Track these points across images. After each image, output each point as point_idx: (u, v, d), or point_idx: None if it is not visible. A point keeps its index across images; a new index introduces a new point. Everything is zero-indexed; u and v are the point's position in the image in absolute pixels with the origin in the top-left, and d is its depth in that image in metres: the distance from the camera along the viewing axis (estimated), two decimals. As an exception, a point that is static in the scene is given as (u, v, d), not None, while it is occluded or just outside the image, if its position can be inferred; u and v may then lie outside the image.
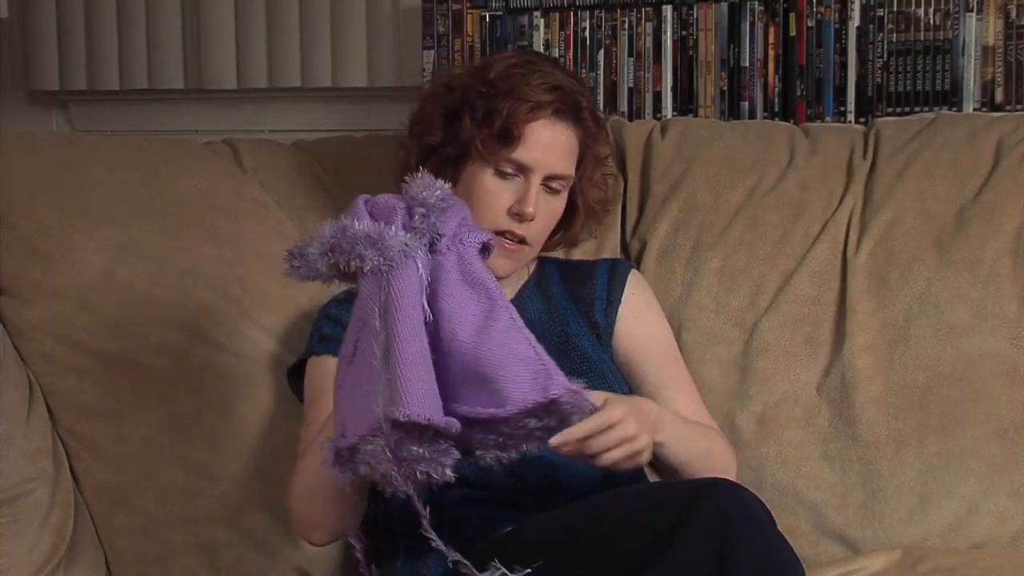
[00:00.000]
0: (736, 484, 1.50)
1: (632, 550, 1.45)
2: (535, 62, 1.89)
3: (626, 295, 1.97)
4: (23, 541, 1.84)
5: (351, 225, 1.50)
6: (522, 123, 1.82)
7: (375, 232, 1.50)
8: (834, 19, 2.43)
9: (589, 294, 1.96)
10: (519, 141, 1.82)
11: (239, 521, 1.94)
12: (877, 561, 1.88)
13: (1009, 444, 1.98)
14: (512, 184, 1.84)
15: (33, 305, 1.97)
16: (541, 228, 1.87)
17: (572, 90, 1.87)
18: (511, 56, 1.94)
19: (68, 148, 2.13)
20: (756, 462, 2.01)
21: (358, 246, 1.49)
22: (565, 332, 1.91)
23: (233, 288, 2.02)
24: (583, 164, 1.92)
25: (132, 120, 3.15)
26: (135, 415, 1.95)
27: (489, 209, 1.84)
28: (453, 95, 1.89)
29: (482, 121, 1.84)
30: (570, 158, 1.88)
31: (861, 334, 2.04)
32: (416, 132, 1.93)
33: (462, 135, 1.86)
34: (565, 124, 1.86)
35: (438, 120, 1.89)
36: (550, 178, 1.85)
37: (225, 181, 2.14)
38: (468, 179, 1.86)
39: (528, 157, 1.83)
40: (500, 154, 1.83)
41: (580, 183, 1.93)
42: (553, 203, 1.88)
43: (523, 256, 1.88)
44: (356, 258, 1.49)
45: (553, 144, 1.85)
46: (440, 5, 2.62)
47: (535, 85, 1.84)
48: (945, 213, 2.09)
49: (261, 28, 2.96)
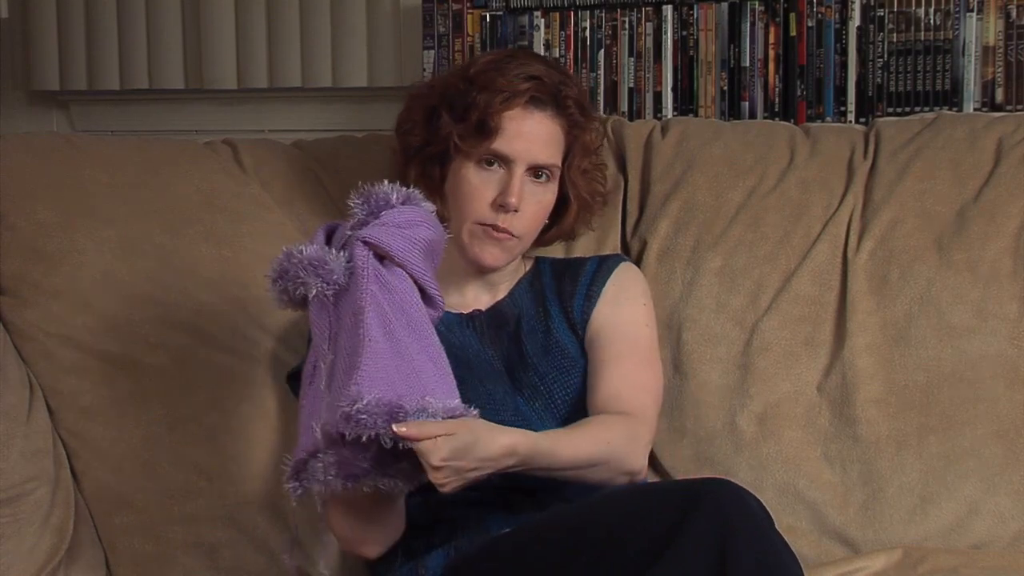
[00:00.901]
0: (736, 484, 1.50)
1: (632, 550, 1.45)
2: (515, 55, 1.89)
3: (606, 288, 1.94)
4: (23, 541, 1.84)
5: (296, 252, 1.52)
6: (497, 113, 1.82)
7: (317, 258, 1.51)
8: (834, 19, 2.43)
9: (571, 289, 1.94)
10: (496, 132, 1.82)
11: (239, 521, 1.94)
12: (877, 561, 1.88)
13: (1009, 444, 1.98)
14: (496, 177, 1.84)
15: (34, 305, 1.97)
16: (529, 220, 1.86)
17: (552, 79, 1.86)
18: (493, 53, 1.95)
19: (69, 148, 2.13)
20: (756, 462, 2.01)
21: (301, 273, 1.50)
22: (548, 327, 1.91)
23: (233, 288, 2.02)
24: (570, 154, 1.91)
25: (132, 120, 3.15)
26: (135, 415, 1.95)
27: (474, 202, 1.84)
28: (433, 93, 1.90)
29: (460, 116, 1.85)
30: (553, 147, 1.87)
31: (861, 334, 2.04)
32: (402, 133, 1.94)
33: (442, 132, 1.86)
34: (545, 113, 1.86)
35: (420, 120, 1.90)
36: (534, 168, 1.85)
37: (225, 181, 2.14)
38: (453, 175, 1.87)
39: (507, 147, 1.83)
40: (479, 147, 1.83)
41: (569, 173, 1.92)
42: (541, 194, 1.87)
43: (512, 246, 1.87)
44: (300, 285, 1.50)
45: (532, 133, 1.84)
46: (440, 5, 2.62)
47: (511, 76, 1.83)
48: (946, 213, 2.09)
49: (261, 28, 2.96)
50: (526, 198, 1.84)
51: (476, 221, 1.84)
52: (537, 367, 1.85)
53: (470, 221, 1.84)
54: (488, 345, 1.87)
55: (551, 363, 1.86)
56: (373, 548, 1.74)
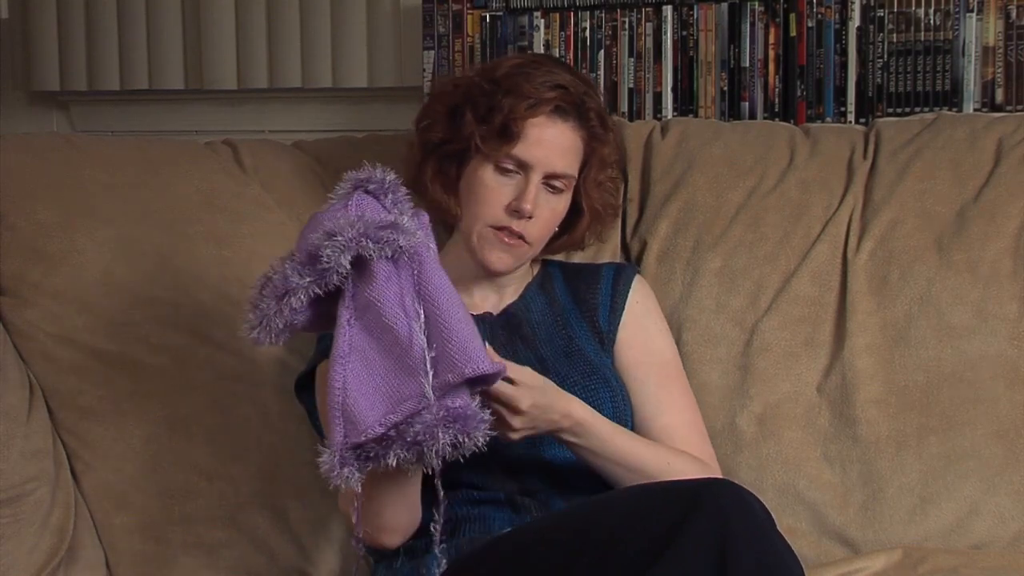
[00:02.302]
0: (736, 484, 1.50)
1: (632, 550, 1.45)
2: (543, 62, 1.89)
3: (629, 303, 1.96)
4: (23, 541, 1.84)
5: (361, 218, 1.53)
6: (521, 119, 1.82)
7: (387, 220, 1.54)
8: (834, 19, 2.43)
9: (593, 299, 1.95)
10: (519, 137, 1.82)
11: (239, 521, 1.94)
12: (877, 561, 1.88)
13: (1009, 444, 1.98)
14: (512, 181, 1.84)
15: (34, 305, 1.97)
16: (541, 227, 1.87)
17: (577, 90, 1.86)
18: (520, 56, 1.95)
19: (68, 148, 2.13)
20: (756, 462, 2.01)
21: (384, 231, 1.51)
22: (569, 335, 1.90)
23: (233, 288, 2.02)
24: (588, 166, 1.91)
25: (132, 120, 3.15)
26: (135, 415, 1.95)
27: (488, 205, 1.83)
28: (458, 92, 1.90)
29: (484, 118, 1.84)
30: (572, 157, 1.87)
31: (861, 334, 2.04)
32: (422, 128, 1.93)
33: (464, 131, 1.86)
34: (568, 123, 1.86)
35: (442, 116, 1.90)
36: (551, 176, 1.85)
37: (225, 181, 2.14)
38: (470, 175, 1.86)
39: (527, 154, 1.83)
40: (500, 150, 1.83)
41: (584, 185, 1.92)
42: (555, 203, 1.87)
43: (522, 253, 1.87)
44: (386, 244, 1.52)
45: (554, 142, 1.84)
46: (440, 5, 2.62)
47: (538, 83, 1.83)
48: (945, 213, 2.09)
49: (261, 28, 2.96)
50: (540, 205, 1.84)
51: (488, 224, 1.84)
52: (559, 371, 1.83)
53: (482, 223, 1.84)
54: (500, 347, 1.86)
55: (572, 367, 1.85)
56: (395, 536, 1.72)
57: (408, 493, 1.67)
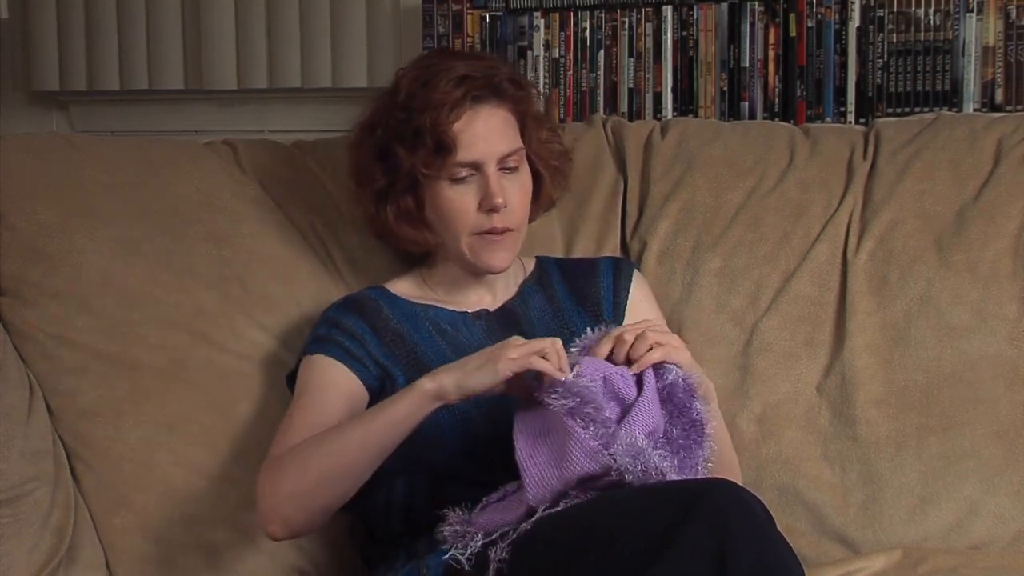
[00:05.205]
0: (736, 484, 1.50)
1: (632, 550, 1.45)
2: (434, 64, 1.88)
3: (632, 295, 1.97)
4: (23, 541, 1.84)
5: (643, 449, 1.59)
6: (448, 127, 1.82)
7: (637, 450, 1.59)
8: (834, 19, 2.43)
9: (595, 293, 1.96)
10: (455, 145, 1.82)
11: (239, 521, 1.93)
12: (877, 562, 1.88)
13: (1009, 444, 1.98)
14: (472, 184, 1.85)
15: (33, 305, 1.97)
16: (519, 209, 1.87)
17: (479, 72, 1.85)
18: (412, 69, 1.91)
19: (68, 148, 2.13)
20: (756, 462, 2.01)
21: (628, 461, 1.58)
22: (570, 331, 1.90)
23: (233, 288, 2.02)
24: (526, 129, 1.91)
25: (132, 120, 3.15)
26: (135, 415, 1.95)
27: (462, 216, 1.84)
28: (375, 134, 1.89)
29: (413, 145, 1.84)
30: (510, 132, 1.87)
31: (861, 334, 2.04)
32: (362, 182, 1.93)
33: (402, 166, 1.85)
34: (489, 105, 1.85)
35: (373, 163, 1.90)
36: (502, 160, 1.85)
37: (225, 181, 2.14)
38: (431, 200, 1.87)
39: (472, 154, 1.83)
40: (446, 165, 1.83)
41: (532, 148, 1.92)
42: (519, 180, 1.88)
43: (514, 241, 1.88)
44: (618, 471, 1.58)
45: (488, 129, 1.84)
46: (440, 5, 2.63)
47: (442, 86, 1.82)
48: (945, 214, 2.09)
49: (261, 28, 2.96)
50: (507, 190, 1.84)
51: (472, 232, 1.84)
52: None
53: (465, 235, 1.85)
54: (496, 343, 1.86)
55: None
56: (309, 526, 1.74)
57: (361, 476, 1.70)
